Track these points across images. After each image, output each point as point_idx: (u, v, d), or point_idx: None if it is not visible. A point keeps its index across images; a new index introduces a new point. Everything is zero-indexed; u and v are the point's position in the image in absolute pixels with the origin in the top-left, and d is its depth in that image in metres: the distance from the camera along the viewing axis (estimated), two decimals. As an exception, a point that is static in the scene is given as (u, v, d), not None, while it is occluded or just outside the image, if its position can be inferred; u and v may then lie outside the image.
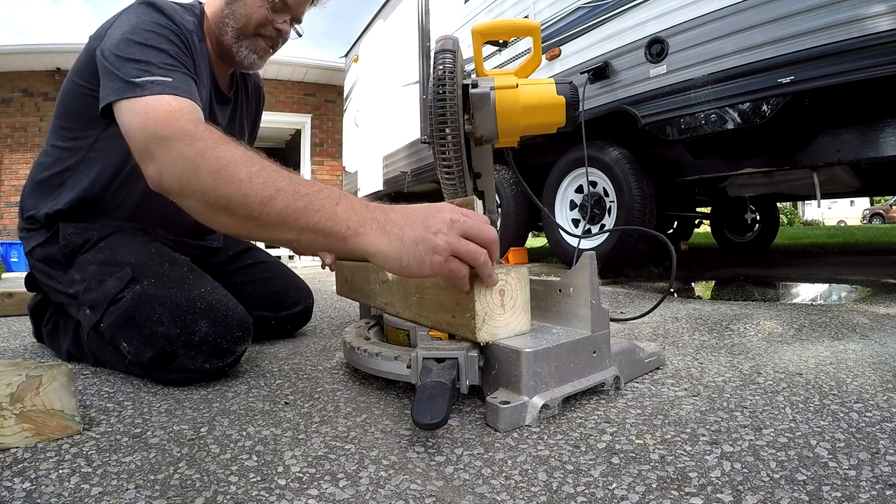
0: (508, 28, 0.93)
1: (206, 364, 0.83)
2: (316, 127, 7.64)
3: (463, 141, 0.80)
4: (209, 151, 0.67)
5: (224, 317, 0.86)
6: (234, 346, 0.86)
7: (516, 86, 0.84)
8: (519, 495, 0.46)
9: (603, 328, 0.73)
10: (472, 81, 0.83)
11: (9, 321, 1.66)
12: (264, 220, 0.64)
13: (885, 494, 0.44)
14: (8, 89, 6.87)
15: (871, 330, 1.11)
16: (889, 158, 1.68)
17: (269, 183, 0.64)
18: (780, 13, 1.63)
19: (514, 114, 0.84)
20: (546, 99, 0.85)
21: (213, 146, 0.67)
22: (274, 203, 0.63)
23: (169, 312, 0.83)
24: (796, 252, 4.00)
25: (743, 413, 0.64)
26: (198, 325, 0.83)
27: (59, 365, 0.62)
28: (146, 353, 0.82)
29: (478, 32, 0.90)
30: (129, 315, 0.84)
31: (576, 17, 2.38)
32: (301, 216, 0.63)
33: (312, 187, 0.65)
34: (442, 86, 0.77)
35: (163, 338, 0.81)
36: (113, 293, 0.87)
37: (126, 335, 0.84)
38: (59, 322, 1.08)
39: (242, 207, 0.64)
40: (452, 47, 0.80)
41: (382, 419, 0.66)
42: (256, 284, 1.21)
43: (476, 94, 0.82)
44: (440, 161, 0.80)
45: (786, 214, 16.07)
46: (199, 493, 0.48)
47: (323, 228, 0.63)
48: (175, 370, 0.83)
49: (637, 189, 2.20)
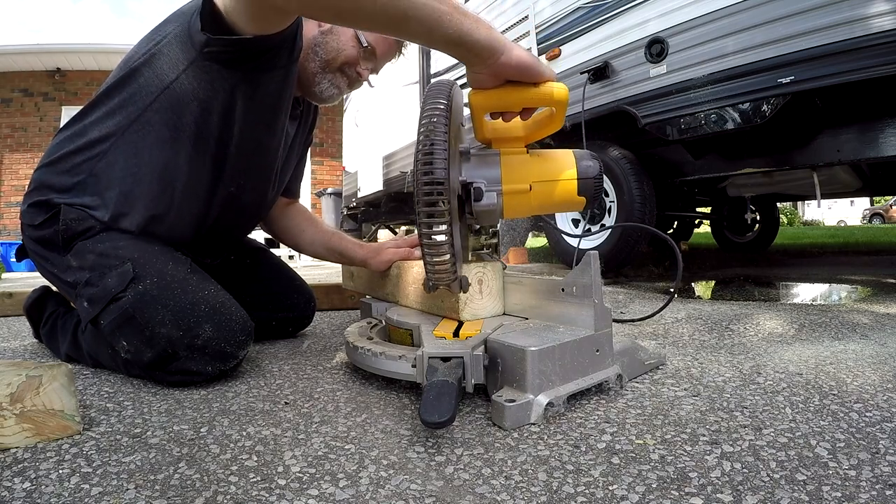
0: (521, 99, 0.71)
1: (207, 367, 0.83)
2: (316, 127, 7.64)
3: (458, 235, 0.71)
4: None
5: (227, 321, 0.85)
6: (237, 349, 0.86)
7: (529, 188, 0.75)
8: (519, 495, 0.46)
9: (606, 327, 0.73)
10: (469, 179, 0.72)
11: (9, 321, 1.66)
12: None
13: (885, 494, 0.44)
14: (8, 89, 6.88)
15: (872, 330, 1.11)
16: (889, 158, 1.67)
17: None
18: (780, 13, 1.63)
19: (523, 213, 0.79)
20: (565, 197, 0.77)
21: None
22: None
23: (172, 314, 0.82)
24: (796, 252, 4.00)
25: (743, 413, 0.64)
26: (201, 328, 0.82)
27: (60, 365, 0.62)
28: (146, 353, 0.82)
29: (479, 107, 0.72)
30: (129, 315, 0.83)
31: (576, 17, 2.38)
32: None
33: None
34: (429, 183, 0.63)
35: (164, 339, 0.81)
36: (114, 292, 0.85)
37: (126, 334, 0.84)
38: (56, 324, 1.07)
39: None
40: (443, 103, 0.65)
41: (382, 419, 0.66)
42: (257, 285, 1.21)
43: (481, 208, 0.72)
44: (429, 263, 0.69)
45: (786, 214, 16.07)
46: (199, 493, 0.48)
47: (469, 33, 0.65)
48: (176, 371, 0.82)
49: (637, 189, 2.20)
